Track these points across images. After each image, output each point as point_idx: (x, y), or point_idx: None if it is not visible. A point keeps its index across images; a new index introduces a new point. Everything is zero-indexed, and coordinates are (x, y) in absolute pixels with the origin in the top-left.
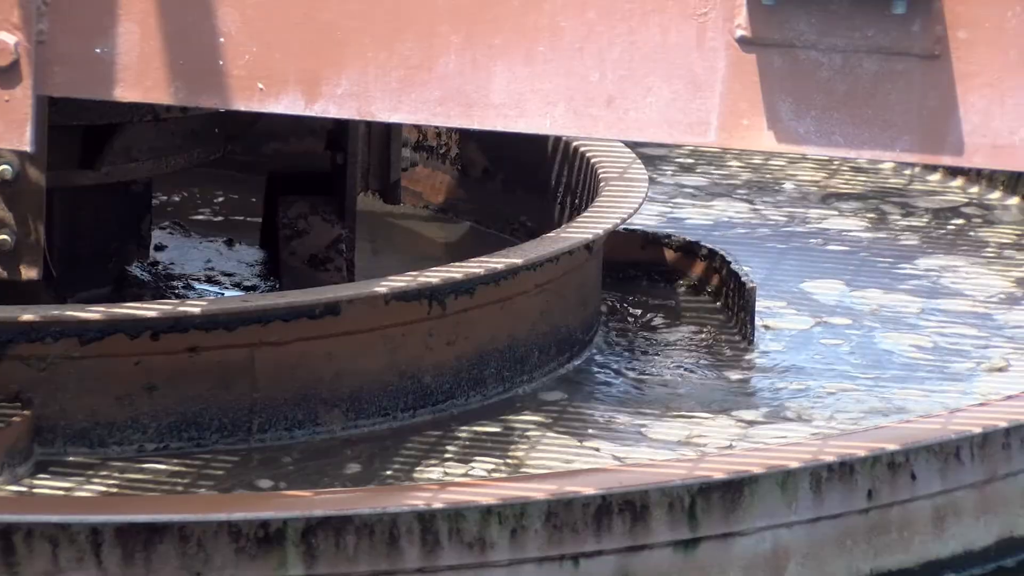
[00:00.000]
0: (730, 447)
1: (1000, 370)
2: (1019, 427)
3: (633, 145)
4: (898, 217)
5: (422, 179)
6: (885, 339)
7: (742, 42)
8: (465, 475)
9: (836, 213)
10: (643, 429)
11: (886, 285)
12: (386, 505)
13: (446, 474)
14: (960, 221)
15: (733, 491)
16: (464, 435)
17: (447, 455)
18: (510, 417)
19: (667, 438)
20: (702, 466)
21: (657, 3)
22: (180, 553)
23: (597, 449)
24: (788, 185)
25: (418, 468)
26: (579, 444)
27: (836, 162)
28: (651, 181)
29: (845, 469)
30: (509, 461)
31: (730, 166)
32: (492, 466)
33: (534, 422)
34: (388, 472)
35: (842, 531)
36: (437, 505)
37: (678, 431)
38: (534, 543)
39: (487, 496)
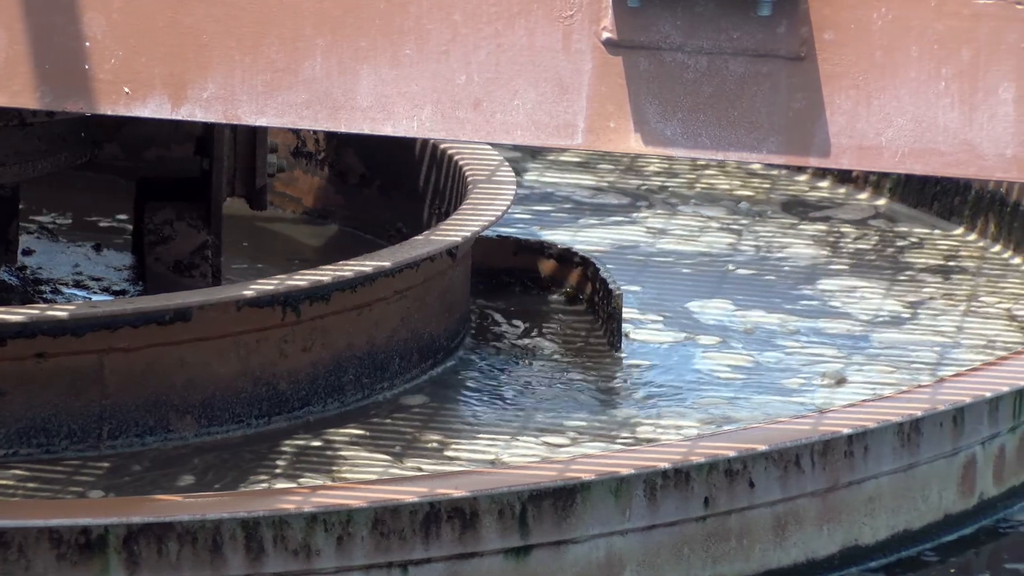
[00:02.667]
0: (566, 458)
1: (838, 384)
2: (862, 434)
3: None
4: (849, 240)
5: (301, 185)
6: (739, 356)
7: (608, 44)
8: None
9: (793, 238)
10: (496, 441)
11: (775, 306)
12: (206, 512)
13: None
14: (903, 243)
15: (565, 498)
16: (298, 448)
17: (277, 469)
18: (348, 429)
19: (511, 451)
20: (532, 473)
21: (523, 6)
22: (1, 559)
23: (419, 468)
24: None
25: (247, 481)
26: (399, 462)
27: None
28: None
29: (680, 476)
30: (336, 478)
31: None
32: (321, 481)
33: (374, 434)
34: (217, 486)
35: (678, 539)
36: (261, 512)
37: (524, 445)
38: (360, 550)
39: (312, 503)
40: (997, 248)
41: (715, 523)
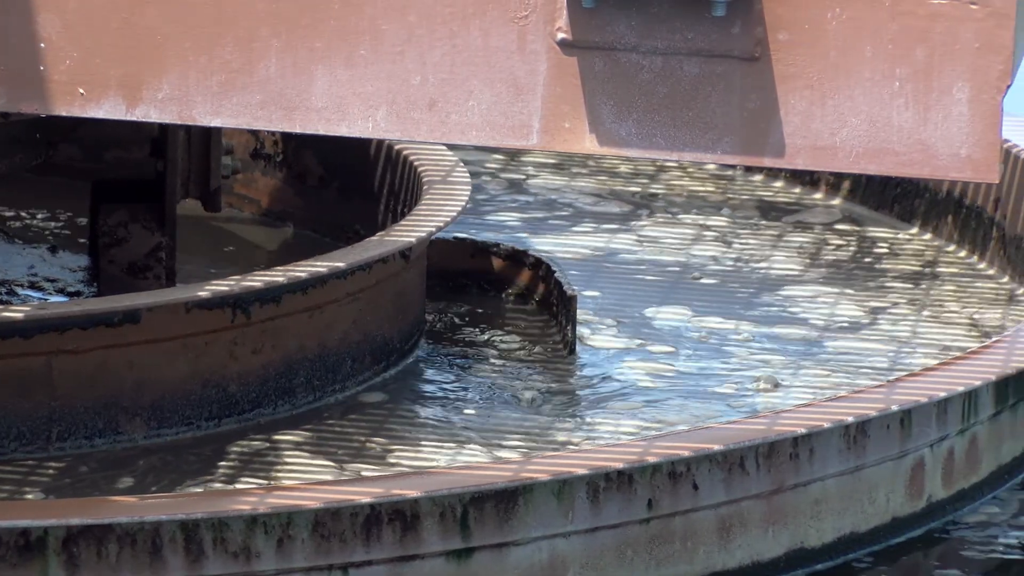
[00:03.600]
0: (513, 460)
1: (774, 388)
2: (807, 436)
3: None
4: (819, 245)
5: (259, 186)
6: (682, 362)
7: (563, 45)
8: None
9: (765, 242)
10: (443, 445)
11: (734, 313)
12: (145, 515)
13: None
14: (871, 247)
15: (507, 500)
16: (242, 450)
17: (218, 472)
18: (297, 432)
19: (457, 455)
20: (474, 475)
21: (478, 6)
22: None
23: (360, 473)
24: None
25: (185, 484)
26: (343, 466)
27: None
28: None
29: (623, 479)
30: (275, 480)
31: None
32: (260, 484)
33: (322, 437)
34: (154, 488)
35: (622, 541)
36: (200, 514)
37: (471, 450)
38: (301, 553)
39: (252, 505)
40: (952, 248)
41: (659, 525)
